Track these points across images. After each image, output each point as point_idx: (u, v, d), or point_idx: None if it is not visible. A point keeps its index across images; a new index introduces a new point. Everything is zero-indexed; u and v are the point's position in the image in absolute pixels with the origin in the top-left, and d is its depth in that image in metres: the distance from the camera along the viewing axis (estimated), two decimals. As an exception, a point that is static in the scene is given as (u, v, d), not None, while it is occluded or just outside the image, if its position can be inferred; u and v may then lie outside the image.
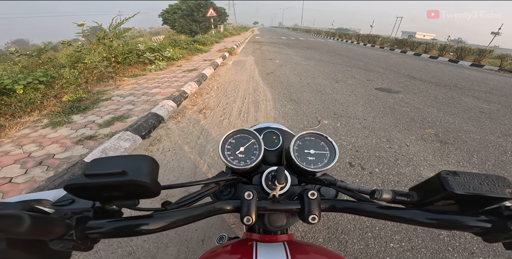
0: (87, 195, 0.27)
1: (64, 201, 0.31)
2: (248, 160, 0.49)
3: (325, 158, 0.50)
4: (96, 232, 0.29)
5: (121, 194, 0.27)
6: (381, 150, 2.42)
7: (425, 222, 0.31)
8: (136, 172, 0.25)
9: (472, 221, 0.29)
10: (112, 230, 0.29)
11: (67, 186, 0.24)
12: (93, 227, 0.29)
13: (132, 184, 0.25)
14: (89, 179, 0.25)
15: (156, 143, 2.45)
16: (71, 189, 0.25)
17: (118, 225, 0.30)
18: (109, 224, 0.29)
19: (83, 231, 0.28)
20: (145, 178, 0.25)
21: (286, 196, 0.47)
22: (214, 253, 0.46)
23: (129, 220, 0.31)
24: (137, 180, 0.25)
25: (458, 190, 0.26)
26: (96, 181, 0.24)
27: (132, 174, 0.25)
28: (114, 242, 1.37)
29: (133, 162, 0.27)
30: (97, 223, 0.29)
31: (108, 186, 0.25)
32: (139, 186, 0.25)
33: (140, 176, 0.25)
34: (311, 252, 0.46)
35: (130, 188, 0.26)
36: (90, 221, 0.29)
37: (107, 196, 0.27)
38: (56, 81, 3.74)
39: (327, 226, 1.52)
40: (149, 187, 0.26)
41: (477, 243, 1.42)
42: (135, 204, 0.30)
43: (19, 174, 1.84)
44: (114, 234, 0.29)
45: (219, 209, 0.38)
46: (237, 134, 0.53)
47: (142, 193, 0.28)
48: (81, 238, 0.27)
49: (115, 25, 5.26)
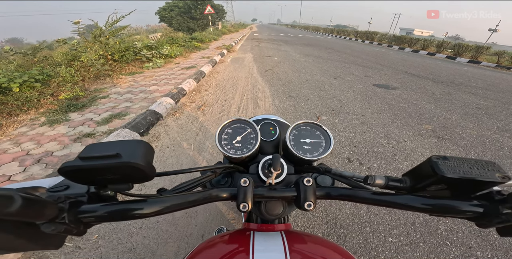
0: (81, 179, 0.27)
1: (59, 187, 0.31)
2: (244, 149, 0.50)
3: (320, 147, 0.50)
4: (90, 215, 0.29)
5: (115, 177, 0.27)
6: (379, 146, 2.44)
7: (418, 207, 0.31)
8: (130, 154, 0.25)
9: (465, 206, 0.29)
10: (106, 213, 0.29)
11: (61, 169, 0.24)
12: (86, 211, 0.29)
13: (126, 166, 0.25)
14: (84, 162, 0.25)
15: (154, 140, 2.45)
16: (65, 172, 0.25)
17: (112, 209, 0.30)
18: (102, 207, 0.29)
19: (76, 215, 0.28)
20: (139, 160, 0.25)
21: (283, 185, 0.47)
22: (211, 242, 0.46)
23: (122, 204, 0.31)
24: (131, 162, 0.25)
25: (448, 173, 0.27)
26: (91, 163, 0.24)
27: (126, 156, 0.25)
28: (114, 238, 1.37)
29: (128, 146, 0.27)
30: (90, 207, 0.29)
31: (102, 169, 0.25)
32: (133, 169, 0.25)
33: (134, 158, 0.25)
34: (308, 242, 0.47)
35: (124, 170, 0.26)
36: (84, 205, 0.29)
37: (101, 179, 0.27)
38: (52, 79, 3.70)
39: (326, 220, 1.53)
40: (143, 170, 0.26)
41: (474, 238, 1.44)
42: (129, 188, 0.30)
43: (18, 171, 1.83)
44: (108, 218, 0.29)
45: (215, 196, 0.38)
46: (234, 124, 0.53)
47: (136, 176, 0.28)
48: (73, 222, 0.27)
49: (111, 23, 5.19)
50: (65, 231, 0.27)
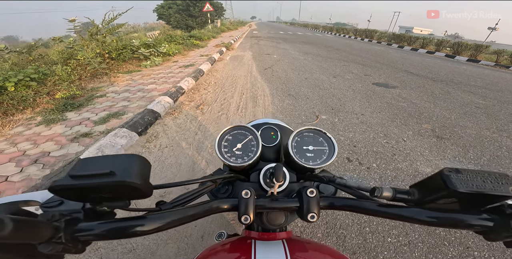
0: (74, 197, 0.26)
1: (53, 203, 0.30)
2: (245, 157, 0.48)
3: (323, 154, 0.49)
4: (87, 234, 0.27)
5: (110, 196, 0.26)
6: (378, 145, 2.44)
7: (426, 220, 0.30)
8: (125, 172, 0.24)
9: (474, 220, 0.28)
10: (104, 232, 0.28)
11: (52, 187, 0.23)
12: (83, 229, 0.27)
13: (121, 185, 0.24)
14: (75, 180, 0.23)
15: (153, 140, 2.43)
16: (56, 190, 0.24)
17: (110, 227, 0.29)
18: (100, 226, 0.28)
19: (73, 234, 0.27)
20: (134, 178, 0.24)
21: (285, 194, 0.46)
22: (213, 251, 0.45)
23: (121, 222, 0.30)
24: (126, 181, 0.23)
25: (461, 188, 0.26)
26: (82, 182, 0.23)
27: (121, 174, 0.24)
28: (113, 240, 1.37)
29: (123, 162, 0.26)
30: (87, 225, 0.28)
31: (95, 187, 0.24)
32: (129, 187, 0.24)
33: (130, 176, 0.24)
34: (310, 249, 0.46)
35: (119, 189, 0.24)
36: (80, 223, 0.28)
37: (96, 197, 0.26)
38: (48, 78, 3.65)
39: (325, 221, 1.53)
40: (139, 188, 0.25)
41: (472, 238, 1.45)
42: (126, 205, 0.29)
43: (15, 172, 1.81)
44: (106, 236, 0.28)
45: (216, 208, 0.37)
46: (234, 131, 0.51)
47: (132, 194, 0.26)
48: (71, 241, 0.26)
49: (108, 21, 5.13)
50: (63, 251, 0.26)
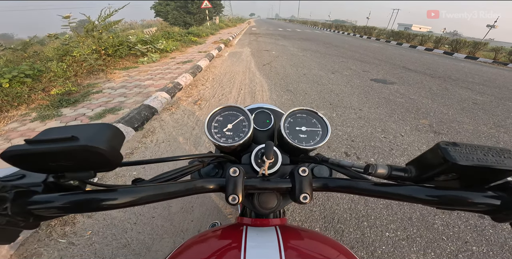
0: (31, 166, 0.23)
1: (12, 177, 0.28)
2: (236, 138, 0.46)
3: (317, 135, 0.47)
4: (43, 207, 0.25)
5: (71, 164, 0.23)
6: (376, 140, 2.43)
7: (425, 199, 0.28)
8: (89, 138, 0.22)
9: (479, 198, 0.26)
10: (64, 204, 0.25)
11: (4, 153, 0.21)
12: (38, 201, 0.25)
13: (83, 150, 0.21)
14: (31, 146, 0.21)
15: (149, 135, 2.40)
16: (8, 157, 0.21)
17: (71, 199, 0.26)
18: (60, 197, 0.25)
19: (24, 206, 0.24)
20: (99, 144, 0.22)
21: (277, 176, 0.44)
22: (203, 237, 0.43)
23: (86, 194, 0.26)
24: (89, 146, 0.21)
25: (462, 161, 0.24)
26: (39, 147, 0.21)
27: (84, 139, 0.21)
28: (109, 234, 1.35)
29: (89, 129, 0.23)
30: (44, 197, 0.25)
31: (53, 153, 0.21)
32: (92, 153, 0.22)
33: (94, 141, 0.22)
34: (304, 237, 0.45)
35: (81, 155, 0.22)
36: (36, 195, 0.25)
37: (55, 165, 0.23)
38: (43, 74, 3.60)
39: (323, 215, 1.52)
40: (104, 155, 0.22)
41: (470, 233, 1.44)
42: (90, 176, 0.26)
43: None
44: (66, 209, 0.25)
45: (201, 187, 0.34)
46: (225, 111, 0.50)
47: (97, 163, 0.24)
48: (19, 214, 0.24)
49: (104, 17, 5.06)
50: (8, 224, 0.23)
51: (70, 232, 1.35)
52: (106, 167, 0.24)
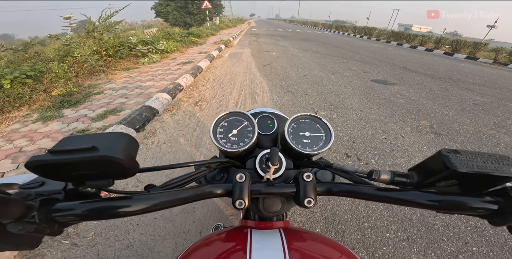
0: (53, 175, 0.24)
1: (33, 184, 0.29)
2: (241, 143, 0.47)
3: (320, 140, 0.48)
4: (65, 214, 0.26)
5: (92, 173, 0.25)
6: (377, 141, 2.43)
7: (426, 203, 0.29)
8: (108, 147, 0.23)
9: (477, 203, 0.27)
10: (84, 212, 0.27)
11: (29, 163, 0.22)
12: (61, 209, 0.26)
13: (104, 160, 0.22)
14: (54, 156, 0.22)
15: (151, 136, 2.41)
16: (33, 167, 0.22)
17: (91, 206, 0.27)
18: (80, 205, 0.27)
19: (49, 213, 0.25)
20: (118, 154, 0.23)
21: (281, 180, 0.45)
22: (208, 240, 0.44)
23: (103, 201, 0.28)
24: (109, 156, 0.22)
25: (462, 168, 0.25)
26: (62, 157, 0.22)
27: (104, 149, 0.23)
28: (111, 235, 1.36)
29: (107, 139, 0.25)
30: (66, 204, 0.27)
31: (75, 163, 0.22)
32: (112, 163, 0.23)
33: (113, 152, 0.23)
34: (308, 239, 0.46)
35: (101, 165, 0.23)
36: (59, 203, 0.26)
37: (76, 175, 0.25)
38: (44, 75, 3.62)
39: (324, 216, 1.53)
40: (123, 164, 0.23)
41: (470, 233, 1.45)
42: (109, 184, 0.27)
43: (11, 169, 1.80)
44: (86, 216, 0.27)
45: (209, 192, 0.36)
46: (229, 117, 0.51)
47: (116, 172, 0.25)
48: (45, 221, 0.25)
49: (105, 18, 5.07)
50: (36, 231, 0.24)
51: (73, 233, 1.36)
52: (124, 175, 0.26)
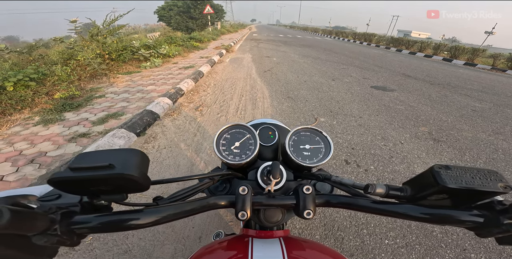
0: (73, 189, 0.26)
1: (50, 196, 0.30)
2: (243, 155, 0.49)
3: (320, 153, 0.50)
4: (83, 227, 0.28)
5: (108, 188, 0.27)
6: (376, 148, 2.45)
7: (418, 216, 0.31)
8: (124, 165, 0.25)
9: (465, 216, 0.29)
10: (100, 224, 0.29)
11: (51, 179, 0.24)
12: (79, 222, 0.28)
13: (120, 177, 0.24)
14: (74, 173, 0.24)
15: (151, 141, 2.43)
16: (55, 183, 0.24)
17: (106, 219, 0.29)
18: (96, 218, 0.29)
19: (69, 226, 0.27)
20: (133, 171, 0.25)
21: (282, 192, 0.47)
22: (210, 249, 0.45)
23: (117, 215, 0.30)
24: (125, 174, 0.24)
25: (451, 184, 0.26)
26: (82, 174, 0.24)
27: (120, 167, 0.25)
28: (110, 240, 1.36)
29: (121, 156, 0.26)
30: (83, 217, 0.29)
31: (94, 180, 0.24)
32: (127, 180, 0.25)
33: (128, 169, 0.25)
34: (307, 248, 0.47)
35: (117, 181, 0.25)
36: (77, 216, 0.28)
37: (94, 190, 0.27)
38: (47, 78, 3.65)
39: (323, 222, 1.53)
40: (137, 181, 0.25)
41: (468, 240, 1.45)
42: (123, 198, 0.29)
43: (10, 172, 1.80)
44: (102, 229, 0.29)
45: (213, 204, 0.37)
46: (232, 129, 0.52)
47: (130, 187, 0.27)
48: (66, 233, 0.27)
49: (109, 22, 5.16)
50: (58, 243, 0.26)
51: (72, 238, 1.36)
52: (137, 190, 0.28)
